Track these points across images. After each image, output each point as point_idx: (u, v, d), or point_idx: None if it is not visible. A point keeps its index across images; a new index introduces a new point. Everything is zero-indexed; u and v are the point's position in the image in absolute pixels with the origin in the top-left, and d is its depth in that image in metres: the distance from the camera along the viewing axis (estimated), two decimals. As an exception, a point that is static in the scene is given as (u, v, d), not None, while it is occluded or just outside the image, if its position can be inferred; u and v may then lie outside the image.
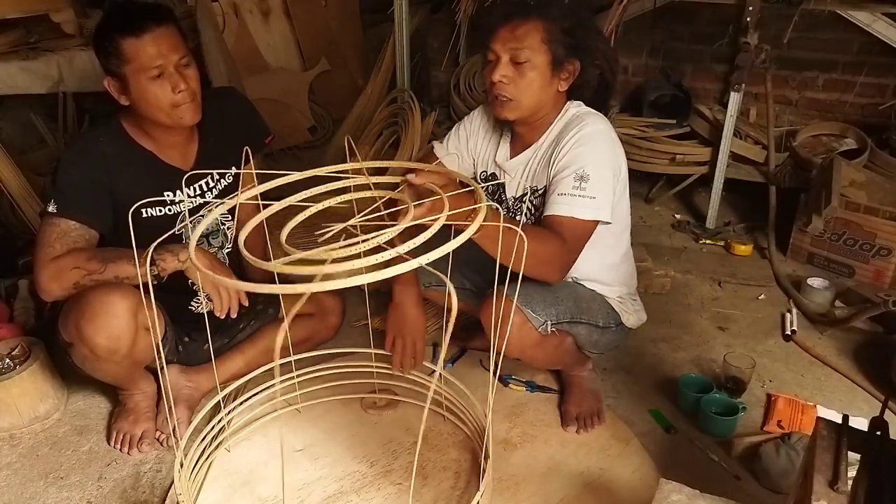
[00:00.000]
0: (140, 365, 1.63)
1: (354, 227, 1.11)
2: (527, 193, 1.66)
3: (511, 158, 1.68)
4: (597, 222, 1.49)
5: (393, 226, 1.03)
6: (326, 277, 0.86)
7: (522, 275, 1.29)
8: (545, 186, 1.59)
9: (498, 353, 1.33)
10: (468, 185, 1.21)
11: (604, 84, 1.62)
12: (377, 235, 0.96)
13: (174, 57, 1.48)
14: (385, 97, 3.28)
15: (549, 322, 1.54)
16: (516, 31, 1.48)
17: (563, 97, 1.60)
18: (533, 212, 1.67)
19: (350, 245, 0.95)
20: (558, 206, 1.47)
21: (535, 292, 1.54)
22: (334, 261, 0.89)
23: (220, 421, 1.60)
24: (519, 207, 1.69)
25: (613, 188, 1.52)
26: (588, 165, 1.48)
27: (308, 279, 0.86)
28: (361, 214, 1.12)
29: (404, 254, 0.92)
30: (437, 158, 1.78)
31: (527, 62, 1.49)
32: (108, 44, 1.45)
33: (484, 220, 1.20)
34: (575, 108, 1.60)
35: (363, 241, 0.95)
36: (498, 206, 1.19)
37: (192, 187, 1.68)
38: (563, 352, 1.67)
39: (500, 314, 1.49)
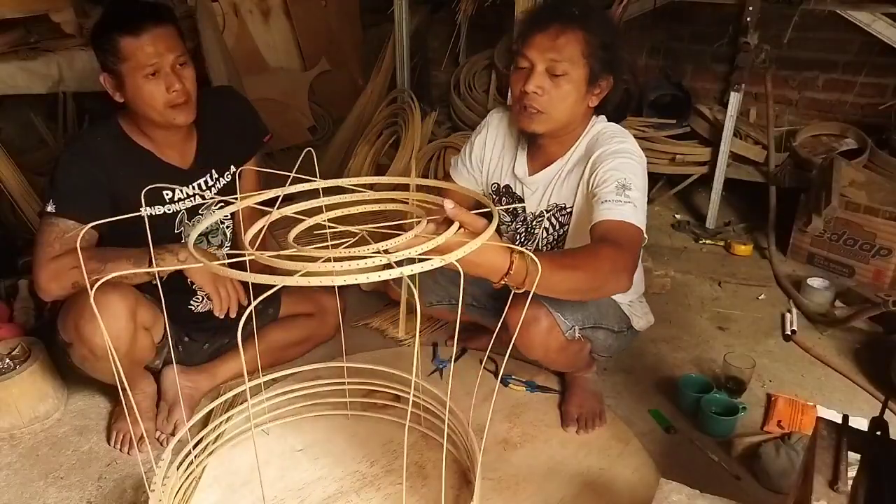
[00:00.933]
0: (139, 364, 1.63)
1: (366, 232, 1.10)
2: (550, 210, 1.63)
3: (532, 173, 1.64)
4: (640, 231, 1.41)
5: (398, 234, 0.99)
6: (307, 274, 0.86)
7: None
8: (574, 205, 1.58)
9: (496, 352, 1.32)
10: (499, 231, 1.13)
11: (626, 98, 1.59)
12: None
13: (170, 56, 1.48)
14: (385, 97, 3.28)
15: (576, 327, 1.54)
16: (557, 41, 1.41)
17: (591, 111, 1.56)
18: (557, 227, 1.65)
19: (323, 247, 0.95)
20: (605, 212, 1.39)
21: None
22: (326, 260, 0.89)
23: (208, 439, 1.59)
24: (539, 223, 1.68)
25: (645, 201, 1.48)
26: (627, 176, 1.43)
27: (289, 274, 0.87)
28: (372, 226, 1.09)
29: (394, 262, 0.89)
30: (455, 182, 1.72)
31: (564, 75, 1.43)
32: (106, 41, 1.46)
33: (532, 276, 1.11)
34: (600, 123, 1.57)
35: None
36: (536, 262, 1.07)
37: (190, 185, 1.68)
38: (581, 357, 1.69)
39: (528, 318, 1.48)
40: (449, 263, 0.93)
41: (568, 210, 1.61)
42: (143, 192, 1.12)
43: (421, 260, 0.90)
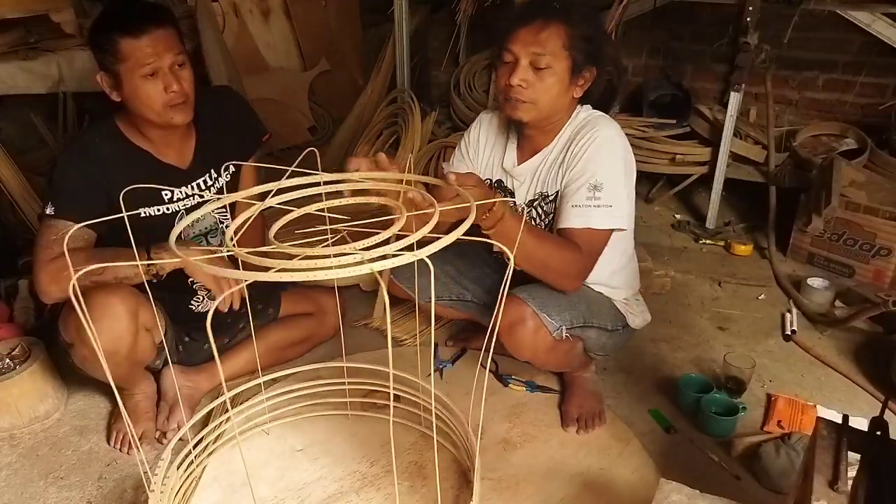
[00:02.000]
0: (140, 365, 1.63)
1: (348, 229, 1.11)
2: (536, 199, 1.64)
3: (519, 164, 1.66)
4: (612, 230, 1.49)
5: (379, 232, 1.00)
6: (281, 270, 0.87)
7: (537, 279, 1.27)
8: (556, 192, 1.59)
9: (488, 350, 1.33)
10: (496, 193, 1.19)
11: (610, 88, 1.61)
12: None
13: (169, 57, 1.48)
14: (385, 97, 3.28)
15: (563, 327, 1.54)
16: (539, 35, 1.44)
17: (575, 102, 1.58)
18: (543, 217, 1.66)
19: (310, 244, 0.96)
20: (572, 219, 1.47)
21: (549, 297, 1.53)
22: (306, 258, 0.89)
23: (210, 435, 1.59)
24: (527, 213, 1.68)
25: (629, 194, 1.51)
26: (600, 173, 1.47)
27: (262, 270, 0.88)
28: (353, 223, 1.11)
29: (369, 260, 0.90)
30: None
31: (547, 68, 1.45)
32: (106, 41, 1.45)
33: (504, 223, 1.20)
34: (585, 112, 1.59)
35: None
36: (515, 205, 1.18)
37: (189, 185, 1.68)
38: (573, 356, 1.68)
39: (514, 320, 1.49)
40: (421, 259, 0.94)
41: (551, 198, 1.61)
42: (129, 192, 1.12)
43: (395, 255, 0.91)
